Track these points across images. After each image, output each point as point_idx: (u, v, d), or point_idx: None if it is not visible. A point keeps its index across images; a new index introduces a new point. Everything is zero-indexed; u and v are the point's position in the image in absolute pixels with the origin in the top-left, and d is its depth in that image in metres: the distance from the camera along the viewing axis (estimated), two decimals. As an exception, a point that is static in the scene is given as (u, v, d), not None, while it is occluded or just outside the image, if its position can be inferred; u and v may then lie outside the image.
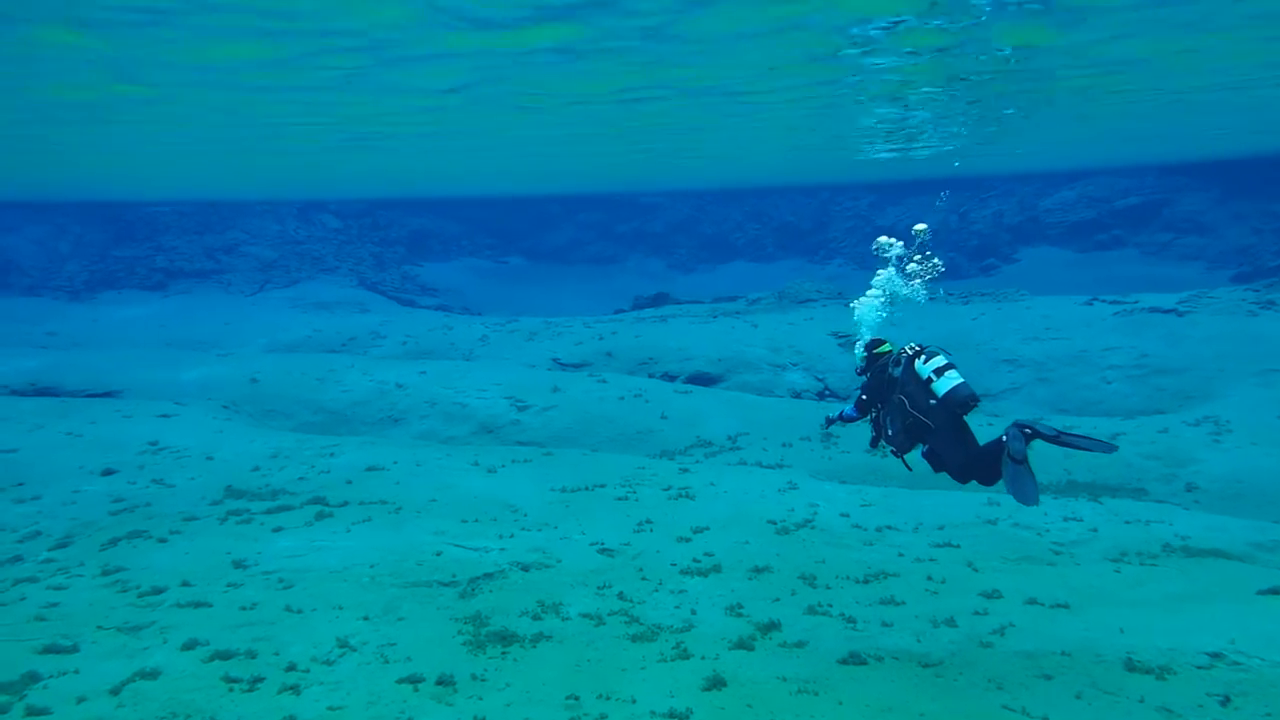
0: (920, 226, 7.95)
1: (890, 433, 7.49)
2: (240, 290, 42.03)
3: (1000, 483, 6.87)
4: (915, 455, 7.58)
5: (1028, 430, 6.76)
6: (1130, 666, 7.31)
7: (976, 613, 8.57)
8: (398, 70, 15.89)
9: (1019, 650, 7.75)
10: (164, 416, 17.65)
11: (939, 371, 7.14)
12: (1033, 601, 8.82)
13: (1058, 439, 6.73)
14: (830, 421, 8.32)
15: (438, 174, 34.78)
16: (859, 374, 7.97)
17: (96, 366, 23.49)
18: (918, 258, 8.02)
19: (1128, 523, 11.24)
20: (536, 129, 23.28)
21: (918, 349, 7.40)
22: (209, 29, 13.03)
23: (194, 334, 32.30)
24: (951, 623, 8.32)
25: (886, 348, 7.78)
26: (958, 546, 10.55)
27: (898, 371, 7.42)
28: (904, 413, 7.28)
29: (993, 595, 8.99)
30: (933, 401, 7.15)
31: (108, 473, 13.75)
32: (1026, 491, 6.57)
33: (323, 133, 23.01)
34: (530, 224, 54.28)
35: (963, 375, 7.13)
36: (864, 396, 7.77)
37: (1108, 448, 6.95)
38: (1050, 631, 8.10)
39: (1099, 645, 7.75)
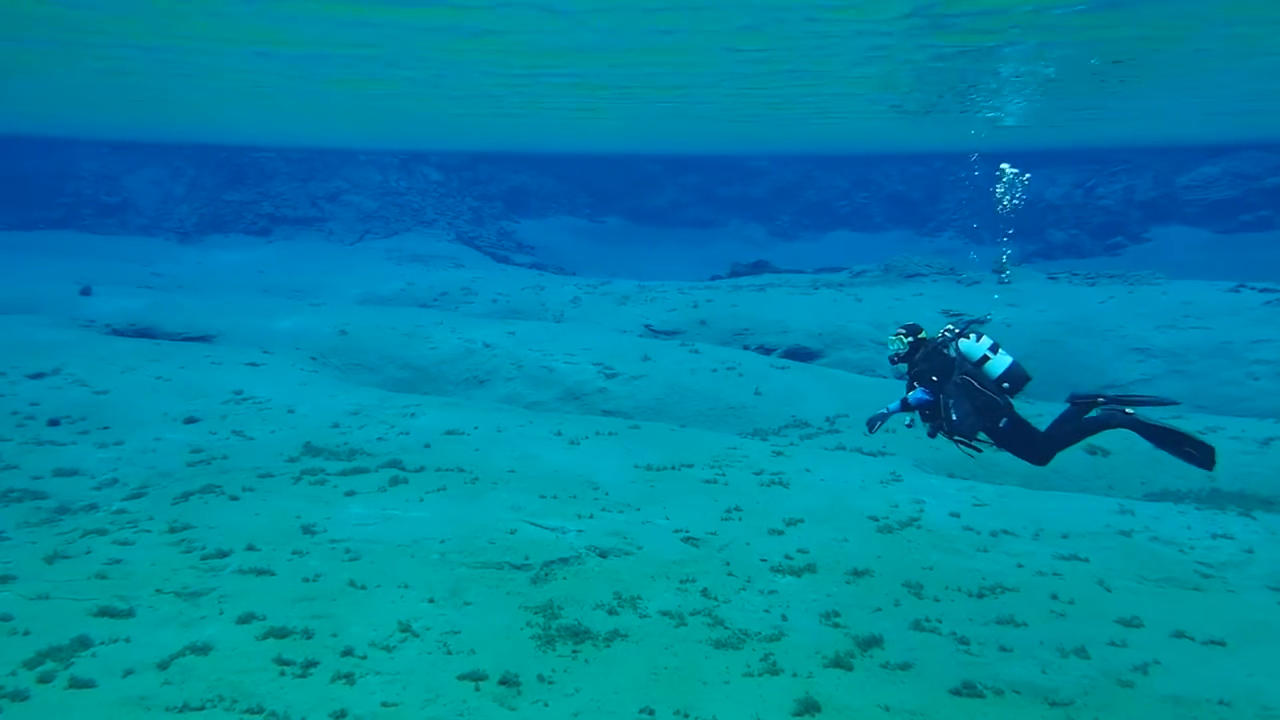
0: None
1: (956, 417, 7.12)
2: (341, 239, 42.57)
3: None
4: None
5: (1100, 400, 7.16)
6: (1307, 727, 6.21)
7: (1113, 643, 7.53)
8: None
9: (1167, 694, 6.73)
10: (251, 365, 17.59)
11: (993, 349, 7.22)
12: (1180, 634, 7.70)
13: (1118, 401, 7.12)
14: (884, 417, 7.55)
15: (541, 130, 34.09)
16: (897, 362, 7.72)
17: (194, 310, 23.86)
18: None
19: (1288, 544, 9.86)
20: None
21: (958, 330, 7.38)
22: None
23: (292, 281, 32.69)
24: (1083, 653, 7.32)
25: (924, 334, 7.66)
26: (1086, 560, 9.40)
27: (952, 351, 7.33)
28: (973, 392, 7.11)
29: (1131, 623, 7.90)
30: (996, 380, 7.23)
31: (190, 421, 13.62)
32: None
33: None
34: (630, 184, 53.25)
35: (1012, 355, 7.26)
36: (934, 377, 7.29)
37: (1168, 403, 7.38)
38: (1204, 674, 7.02)
39: (1267, 695, 6.70)
